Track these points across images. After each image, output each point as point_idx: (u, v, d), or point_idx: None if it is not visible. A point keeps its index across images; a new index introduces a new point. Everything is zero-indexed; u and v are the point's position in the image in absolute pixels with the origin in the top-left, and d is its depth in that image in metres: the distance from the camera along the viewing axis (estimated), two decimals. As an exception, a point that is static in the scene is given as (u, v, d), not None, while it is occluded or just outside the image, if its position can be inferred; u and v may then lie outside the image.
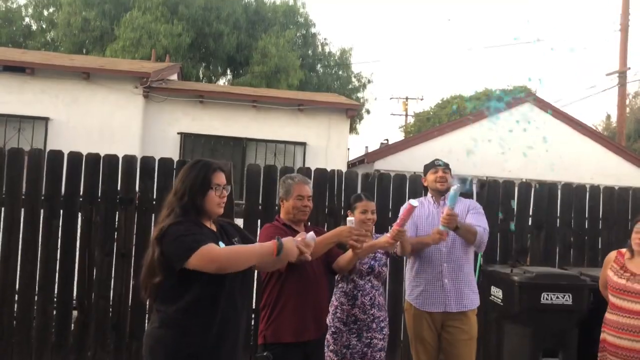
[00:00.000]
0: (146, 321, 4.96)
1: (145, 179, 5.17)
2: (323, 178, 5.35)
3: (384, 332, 3.67)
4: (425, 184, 4.20)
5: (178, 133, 9.44)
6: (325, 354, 3.62)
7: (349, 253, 3.25)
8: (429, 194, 4.18)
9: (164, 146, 8.40)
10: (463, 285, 3.93)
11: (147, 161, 5.22)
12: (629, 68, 18.16)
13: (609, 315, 3.69)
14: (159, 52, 16.97)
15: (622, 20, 17.45)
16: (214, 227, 2.59)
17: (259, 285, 5.13)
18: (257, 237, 3.34)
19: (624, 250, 3.76)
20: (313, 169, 5.39)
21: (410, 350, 4.07)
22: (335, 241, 3.11)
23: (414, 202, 3.29)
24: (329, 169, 5.42)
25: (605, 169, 11.34)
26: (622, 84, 18.17)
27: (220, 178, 2.59)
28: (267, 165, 5.52)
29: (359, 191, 5.42)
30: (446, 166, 4.10)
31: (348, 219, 3.17)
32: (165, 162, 5.21)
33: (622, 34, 17.59)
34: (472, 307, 3.97)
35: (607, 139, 13.95)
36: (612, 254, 3.82)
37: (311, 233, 2.54)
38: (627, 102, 20.17)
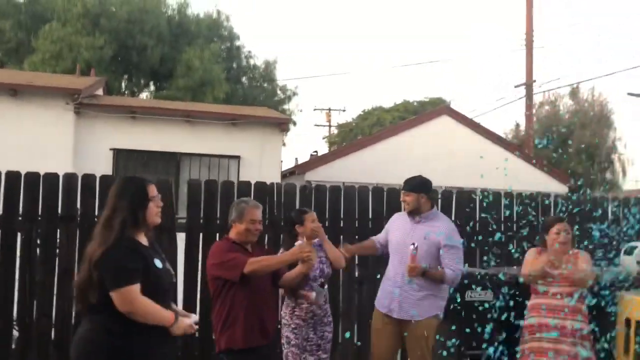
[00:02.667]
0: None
1: (86, 196, 5.23)
2: (263, 191, 5.59)
3: (331, 325, 4.14)
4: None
5: (110, 149, 9.38)
6: (287, 350, 3.97)
7: (294, 271, 3.63)
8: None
9: (97, 162, 8.34)
10: (411, 297, 4.16)
11: (87, 179, 5.28)
12: (535, 80, 19.65)
13: (536, 301, 4.19)
14: (81, 65, 16.57)
15: (527, 38, 18.86)
16: (147, 241, 2.78)
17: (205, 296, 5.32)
18: (202, 252, 3.58)
19: (540, 247, 4.31)
20: (248, 182, 5.62)
21: None
22: (292, 260, 3.53)
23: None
24: (264, 182, 5.67)
25: (517, 176, 12.21)
26: (529, 95, 19.62)
27: (154, 190, 2.82)
28: (208, 180, 5.70)
29: (297, 203, 5.72)
30: (406, 189, 4.29)
31: (297, 243, 3.53)
32: (106, 179, 5.30)
33: (527, 50, 19.00)
34: (418, 319, 4.14)
35: (517, 148, 15.00)
36: (533, 250, 4.36)
37: (196, 318, 2.89)
38: (534, 111, 21.65)
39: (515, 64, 52.33)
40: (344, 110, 35.87)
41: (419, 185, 4.27)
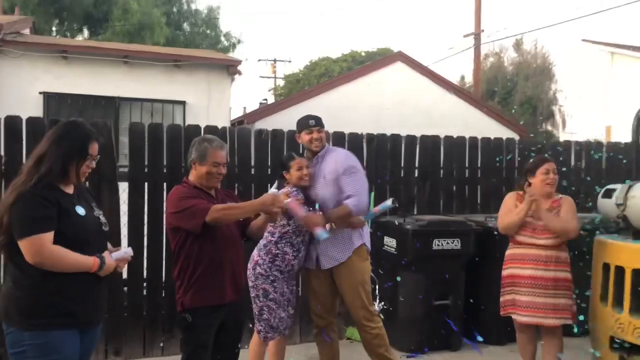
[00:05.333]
0: None
1: (11, 142, 4.59)
2: (215, 136, 5.10)
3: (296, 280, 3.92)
4: (300, 142, 4.00)
5: (40, 93, 8.50)
6: (262, 304, 3.65)
7: (260, 220, 3.23)
8: (305, 153, 3.97)
9: (24, 107, 7.50)
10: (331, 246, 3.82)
11: (12, 121, 4.63)
12: (483, 30, 19.57)
13: (514, 251, 3.93)
14: (4, 5, 15.17)
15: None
16: (70, 190, 2.55)
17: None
18: (147, 203, 3.09)
19: (520, 192, 4.00)
20: (197, 125, 5.12)
21: None
22: (259, 210, 3.09)
23: None
24: (215, 126, 5.18)
25: (469, 124, 12.11)
26: (477, 45, 19.56)
27: (95, 149, 2.58)
28: (152, 123, 5.15)
29: (252, 149, 5.27)
30: (320, 125, 3.89)
31: (271, 190, 3.10)
32: (34, 122, 4.66)
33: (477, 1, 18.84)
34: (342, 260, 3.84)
35: (471, 95, 14.89)
36: (512, 196, 4.06)
37: (129, 249, 2.69)
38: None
39: (463, 12, 52.23)
40: (289, 61, 35.00)
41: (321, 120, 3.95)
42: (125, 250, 2.69)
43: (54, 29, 20.68)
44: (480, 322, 5.07)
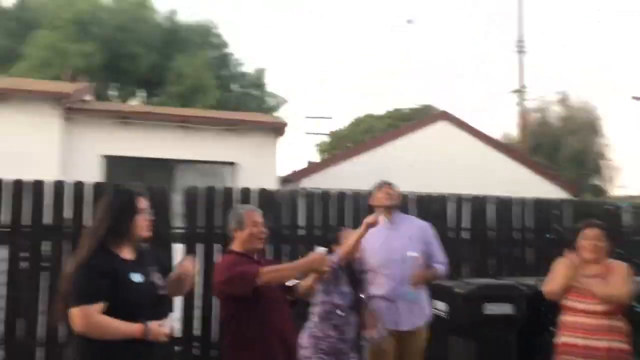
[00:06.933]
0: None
1: (77, 205, 4.88)
2: (266, 197, 5.28)
3: (354, 352, 3.81)
4: (373, 204, 4.23)
5: (101, 156, 8.98)
6: None
7: (309, 280, 3.29)
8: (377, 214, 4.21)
9: (87, 170, 7.93)
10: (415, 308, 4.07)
11: (78, 186, 4.93)
12: (526, 87, 19.74)
13: (566, 317, 3.85)
14: (70, 72, 16.19)
15: (519, 42, 18.94)
16: (131, 255, 2.67)
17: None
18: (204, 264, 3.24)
19: (571, 256, 3.95)
20: (247, 188, 5.31)
21: None
22: (308, 269, 3.14)
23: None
24: (265, 188, 5.36)
25: (516, 181, 11.96)
26: (522, 101, 19.66)
27: (143, 202, 2.73)
28: (208, 186, 5.36)
29: (298, 210, 5.40)
30: (391, 183, 4.22)
31: (318, 249, 3.18)
32: (99, 187, 4.95)
33: (520, 55, 19.09)
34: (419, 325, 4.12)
35: (517, 151, 14.78)
36: (563, 260, 4.00)
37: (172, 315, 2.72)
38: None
39: (505, 69, 52.28)
40: (330, 118, 35.58)
41: None
42: (169, 320, 2.71)
43: (113, 92, 21.88)
44: (534, 391, 4.90)
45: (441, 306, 4.99)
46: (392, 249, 4.00)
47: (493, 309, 4.79)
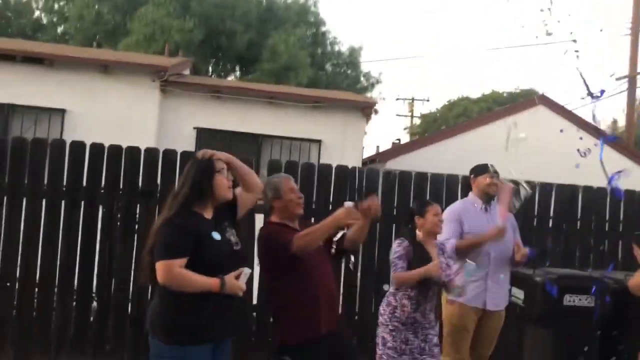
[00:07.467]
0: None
1: (167, 173, 5.17)
2: (343, 175, 5.33)
3: (436, 329, 3.89)
4: (473, 185, 4.29)
5: (194, 128, 9.42)
6: (381, 352, 3.72)
7: (352, 232, 3.28)
8: (473, 196, 4.31)
9: (180, 141, 8.34)
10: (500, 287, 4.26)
11: (169, 154, 5.22)
12: (639, 73, 18.11)
13: None
14: (171, 47, 16.97)
15: (633, 24, 17.36)
16: (209, 214, 2.86)
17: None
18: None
19: None
20: (329, 164, 5.37)
21: (446, 339, 4.17)
22: (336, 225, 3.12)
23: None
24: (346, 165, 5.40)
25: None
26: (632, 89, 18.15)
27: (220, 163, 2.90)
28: (288, 161, 5.50)
29: (379, 189, 5.41)
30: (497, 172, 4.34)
31: (346, 203, 3.16)
32: (186, 156, 5.21)
33: (632, 39, 17.50)
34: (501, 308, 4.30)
35: (622, 143, 13.87)
36: None
37: (247, 270, 2.78)
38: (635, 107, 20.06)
39: (617, 53, 48.74)
40: (427, 100, 34.72)
41: None
42: (245, 272, 2.82)
43: (210, 68, 22.68)
44: (615, 390, 4.68)
45: (518, 293, 4.86)
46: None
47: (573, 300, 4.61)
